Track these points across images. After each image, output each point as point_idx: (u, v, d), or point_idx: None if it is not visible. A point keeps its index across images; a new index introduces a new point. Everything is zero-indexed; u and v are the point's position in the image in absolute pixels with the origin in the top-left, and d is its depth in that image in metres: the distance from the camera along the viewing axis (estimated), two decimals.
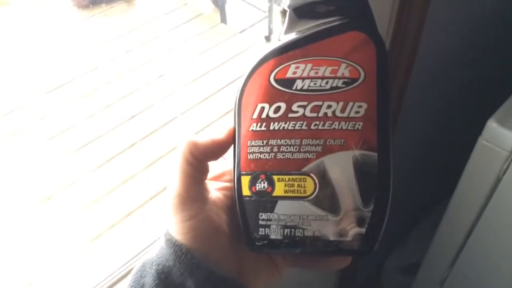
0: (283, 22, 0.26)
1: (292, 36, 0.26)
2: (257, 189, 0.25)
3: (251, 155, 0.26)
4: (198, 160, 0.26)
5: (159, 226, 0.28)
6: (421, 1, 0.62)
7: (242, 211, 0.26)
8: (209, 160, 0.27)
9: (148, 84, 1.65)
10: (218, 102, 1.60)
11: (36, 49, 1.71)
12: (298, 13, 0.26)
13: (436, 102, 0.96)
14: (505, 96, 0.73)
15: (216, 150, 0.27)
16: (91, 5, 1.89)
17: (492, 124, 0.69)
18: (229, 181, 0.30)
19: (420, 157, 1.04)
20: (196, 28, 1.92)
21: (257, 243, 0.26)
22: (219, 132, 0.27)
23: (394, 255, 1.20)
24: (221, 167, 0.31)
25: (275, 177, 0.25)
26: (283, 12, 0.27)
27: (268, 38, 1.92)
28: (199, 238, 0.26)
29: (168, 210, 0.26)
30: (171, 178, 0.27)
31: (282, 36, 0.26)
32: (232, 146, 0.27)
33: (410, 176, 1.02)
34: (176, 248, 0.26)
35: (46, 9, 1.79)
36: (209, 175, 0.28)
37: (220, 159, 0.28)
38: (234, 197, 0.27)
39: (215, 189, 0.29)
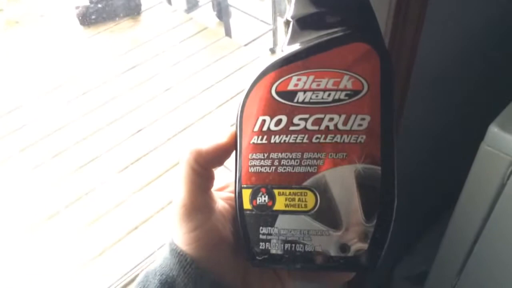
0: (286, 32, 0.26)
1: (295, 47, 0.25)
2: (257, 203, 0.25)
3: (252, 168, 0.25)
4: (203, 167, 0.26)
5: (164, 240, 0.28)
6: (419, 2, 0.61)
7: (243, 225, 0.26)
8: (214, 166, 0.27)
9: (155, 98, 1.66)
10: (225, 115, 1.61)
11: (44, 66, 1.74)
12: (302, 24, 0.25)
13: (437, 107, 0.94)
14: (507, 100, 0.72)
15: (220, 154, 0.27)
16: (97, 23, 1.92)
17: (494, 129, 0.68)
18: (233, 192, 0.29)
19: (424, 164, 1.03)
20: (201, 42, 1.94)
21: (257, 257, 0.25)
22: (221, 136, 0.27)
23: (402, 264, 1.18)
24: (225, 179, 0.31)
25: (275, 191, 0.25)
26: (287, 23, 0.26)
27: (273, 51, 1.94)
28: (204, 248, 0.26)
29: (173, 220, 0.26)
30: (176, 188, 0.27)
31: (285, 47, 0.26)
32: (234, 159, 0.26)
33: (415, 184, 1.01)
34: (181, 258, 0.25)
35: (54, 28, 1.82)
36: (214, 187, 0.28)
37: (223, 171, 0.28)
38: (236, 211, 0.26)
39: (221, 199, 0.29)
